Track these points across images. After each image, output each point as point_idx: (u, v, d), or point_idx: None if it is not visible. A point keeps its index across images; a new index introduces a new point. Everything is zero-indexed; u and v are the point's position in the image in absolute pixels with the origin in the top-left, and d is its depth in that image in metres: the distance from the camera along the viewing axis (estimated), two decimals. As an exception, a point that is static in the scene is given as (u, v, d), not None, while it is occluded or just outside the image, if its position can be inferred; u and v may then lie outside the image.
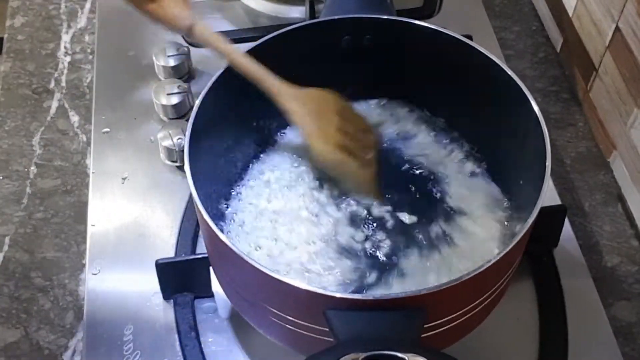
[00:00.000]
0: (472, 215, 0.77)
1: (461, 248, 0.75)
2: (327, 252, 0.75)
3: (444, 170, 0.81)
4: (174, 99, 0.92)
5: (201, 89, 0.72)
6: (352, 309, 0.60)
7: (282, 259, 0.74)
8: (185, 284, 0.79)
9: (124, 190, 0.89)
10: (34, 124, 0.97)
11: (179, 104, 0.93)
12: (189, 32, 0.75)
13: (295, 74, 0.78)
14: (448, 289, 0.60)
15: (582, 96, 0.98)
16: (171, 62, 0.96)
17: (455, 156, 0.82)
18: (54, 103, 1.00)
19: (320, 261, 0.74)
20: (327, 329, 0.60)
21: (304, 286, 0.61)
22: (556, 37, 1.04)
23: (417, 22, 0.78)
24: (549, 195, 0.70)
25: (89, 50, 1.05)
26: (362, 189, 0.78)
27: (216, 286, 0.77)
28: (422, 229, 0.76)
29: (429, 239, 0.75)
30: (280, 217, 0.77)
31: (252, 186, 0.80)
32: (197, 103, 0.71)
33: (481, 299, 0.66)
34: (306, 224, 0.77)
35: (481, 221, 0.77)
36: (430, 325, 0.62)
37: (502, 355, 0.77)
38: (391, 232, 0.76)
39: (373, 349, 0.56)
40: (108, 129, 0.94)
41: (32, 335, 0.80)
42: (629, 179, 0.88)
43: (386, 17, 0.78)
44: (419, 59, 0.79)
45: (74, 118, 0.98)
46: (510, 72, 0.73)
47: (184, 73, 0.97)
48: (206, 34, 0.75)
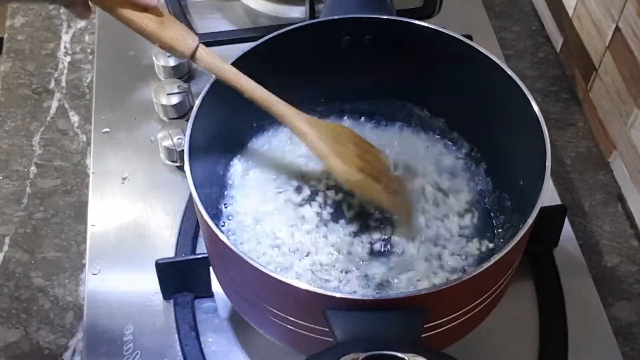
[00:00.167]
0: (470, 216, 0.78)
1: (458, 250, 0.75)
2: (327, 252, 0.75)
3: (443, 171, 0.81)
4: (174, 99, 0.92)
5: (201, 89, 0.72)
6: (352, 309, 0.60)
7: (282, 258, 0.75)
8: (185, 284, 0.79)
9: (124, 190, 0.89)
10: (34, 124, 0.97)
11: (179, 104, 0.93)
12: (192, 56, 0.70)
13: (295, 74, 0.78)
14: (448, 289, 0.60)
15: (582, 96, 0.98)
16: (171, 62, 0.96)
17: (455, 156, 0.82)
18: (54, 103, 1.00)
19: (320, 261, 0.74)
20: (327, 329, 0.60)
21: (303, 286, 0.61)
22: (556, 37, 1.04)
23: (417, 22, 0.78)
24: (549, 195, 0.70)
25: (89, 50, 1.05)
26: (391, 209, 0.76)
27: (216, 286, 0.77)
28: (419, 231, 0.76)
29: (427, 239, 0.76)
30: (280, 217, 0.77)
31: (252, 186, 0.80)
32: (197, 103, 0.71)
33: (481, 299, 0.66)
34: (306, 223, 0.77)
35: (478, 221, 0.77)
36: (430, 325, 0.62)
37: (502, 355, 0.77)
38: (390, 233, 0.76)
39: (373, 349, 0.56)
40: (108, 129, 0.94)
41: (32, 335, 0.80)
42: (629, 179, 0.88)
43: (386, 17, 0.78)
44: (419, 59, 0.79)
45: (74, 118, 0.98)
46: (510, 72, 0.73)
47: (184, 73, 0.97)
48: (210, 58, 0.71)
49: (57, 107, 0.99)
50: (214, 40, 1.00)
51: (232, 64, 0.73)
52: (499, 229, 0.77)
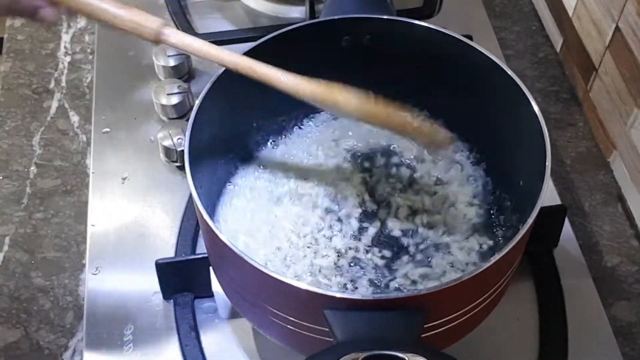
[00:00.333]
0: (469, 217, 0.78)
1: (457, 256, 0.75)
2: (326, 252, 0.75)
3: (443, 171, 0.81)
4: (174, 99, 0.92)
5: (201, 89, 0.72)
6: (352, 309, 0.60)
7: (282, 258, 0.75)
8: (185, 284, 0.79)
9: (124, 190, 0.89)
10: (34, 124, 0.97)
11: (179, 104, 0.93)
12: (158, 35, 0.69)
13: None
14: (448, 289, 0.60)
15: (582, 96, 0.98)
16: (171, 62, 0.96)
17: (455, 156, 0.82)
18: (54, 103, 1.00)
19: (320, 261, 0.74)
20: (327, 329, 0.60)
21: (303, 286, 0.61)
22: (556, 37, 1.04)
23: (417, 22, 0.78)
24: (549, 195, 0.70)
25: (89, 50, 1.05)
26: (417, 135, 0.72)
27: (216, 286, 0.77)
28: (420, 232, 0.76)
29: (426, 239, 0.76)
30: (280, 217, 0.77)
31: (252, 186, 0.80)
32: (197, 103, 0.71)
33: (481, 299, 0.66)
34: (306, 223, 0.77)
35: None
36: (430, 325, 0.62)
37: (502, 355, 0.77)
38: (389, 233, 0.76)
39: (373, 349, 0.56)
40: (108, 129, 0.94)
41: (32, 335, 0.80)
42: (629, 179, 0.88)
43: (386, 17, 0.78)
44: (419, 59, 0.79)
45: (74, 118, 0.98)
46: (510, 72, 0.73)
47: (184, 73, 0.97)
48: (179, 36, 0.70)
49: (57, 107, 0.99)
50: (214, 40, 0.99)
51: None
52: (499, 229, 0.77)
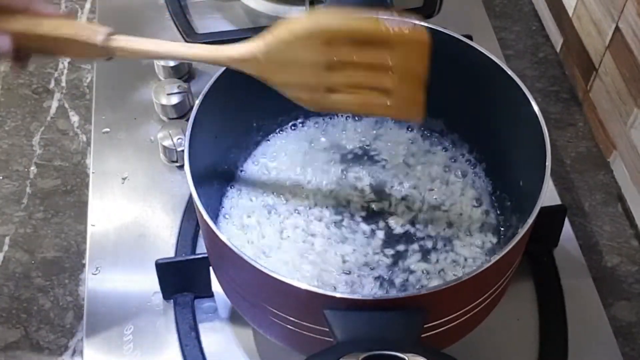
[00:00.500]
0: (469, 217, 0.78)
1: (459, 253, 0.75)
2: (326, 252, 0.75)
3: (443, 171, 0.81)
4: (174, 99, 0.92)
5: (201, 89, 0.72)
6: (352, 309, 0.60)
7: (281, 258, 0.75)
8: (185, 284, 0.79)
9: (124, 190, 0.89)
10: (34, 124, 0.97)
11: (179, 104, 0.93)
12: (106, 46, 0.65)
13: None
14: (448, 289, 0.60)
15: (582, 96, 0.98)
16: (171, 62, 0.96)
17: (455, 156, 0.82)
18: (54, 103, 1.00)
19: (320, 261, 0.74)
20: (327, 329, 0.60)
21: (303, 286, 0.61)
22: (556, 37, 1.04)
23: (417, 22, 0.78)
24: (549, 195, 0.70)
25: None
26: (393, 115, 0.68)
27: (216, 286, 0.77)
28: (420, 233, 0.76)
29: (426, 241, 0.76)
30: (280, 218, 0.78)
31: (253, 186, 0.81)
32: (197, 103, 0.71)
33: (481, 299, 0.66)
34: (306, 224, 0.77)
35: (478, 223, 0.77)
36: (430, 325, 0.62)
37: (502, 355, 0.77)
38: (389, 234, 0.76)
39: (373, 349, 0.56)
40: (108, 129, 0.94)
41: (32, 335, 0.80)
42: (628, 179, 0.88)
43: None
44: (418, 59, 0.79)
45: (74, 118, 0.98)
46: (510, 72, 0.73)
47: (184, 73, 0.97)
48: (130, 41, 0.66)
49: (57, 107, 0.99)
50: (214, 40, 1.00)
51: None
52: (499, 228, 0.77)
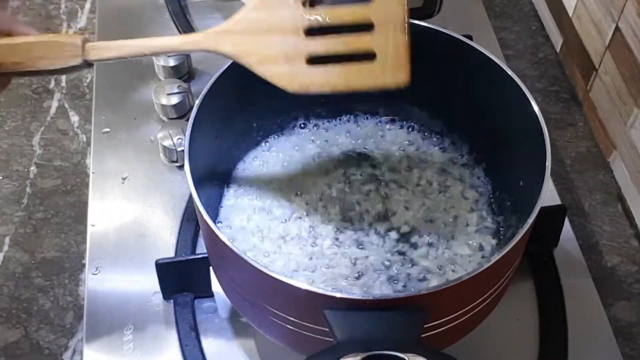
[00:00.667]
0: (469, 217, 0.78)
1: (459, 253, 0.75)
2: (326, 252, 0.75)
3: (443, 172, 0.81)
4: (174, 99, 0.92)
5: (201, 89, 0.72)
6: (352, 309, 0.60)
7: (282, 258, 0.75)
8: (185, 284, 0.79)
9: (124, 190, 0.89)
10: (34, 124, 0.98)
11: (179, 104, 0.93)
12: (83, 49, 0.64)
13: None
14: (448, 289, 0.60)
15: (582, 96, 0.98)
16: (171, 62, 0.96)
17: (455, 157, 0.83)
18: (54, 103, 1.00)
19: (320, 261, 0.74)
20: (327, 329, 0.60)
21: (303, 286, 0.61)
22: (556, 37, 1.04)
23: (417, 21, 0.78)
24: (549, 195, 0.70)
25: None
26: (378, 85, 0.65)
27: (216, 286, 0.77)
28: (420, 233, 0.76)
29: (426, 241, 0.76)
30: (280, 218, 0.78)
31: (253, 186, 0.81)
32: (197, 103, 0.71)
33: (481, 299, 0.66)
34: (306, 223, 0.77)
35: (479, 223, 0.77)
36: (430, 325, 0.62)
37: (502, 355, 0.77)
38: (389, 235, 0.76)
39: (373, 349, 0.56)
40: (108, 129, 0.94)
41: (32, 335, 0.80)
42: (628, 179, 0.88)
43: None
44: (418, 59, 0.79)
45: (74, 118, 0.98)
46: (510, 72, 0.73)
47: (184, 73, 0.97)
48: (103, 46, 0.65)
49: (57, 107, 0.99)
50: (214, 40, 1.00)
51: (232, 64, 0.73)
52: (498, 229, 0.77)
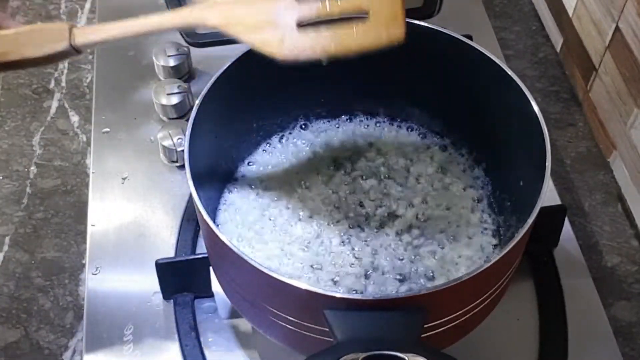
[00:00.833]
0: (469, 217, 0.78)
1: (459, 253, 0.75)
2: (326, 252, 0.75)
3: (443, 172, 0.81)
4: (174, 99, 0.92)
5: (201, 89, 0.72)
6: (352, 309, 0.60)
7: (283, 258, 0.75)
8: (185, 284, 0.79)
9: (124, 190, 0.89)
10: (34, 124, 0.98)
11: (179, 104, 0.93)
12: (70, 34, 0.64)
13: (295, 74, 0.78)
14: (448, 289, 0.60)
15: (582, 96, 0.98)
16: (171, 62, 0.96)
17: (455, 157, 0.83)
18: (54, 103, 1.00)
19: (323, 261, 0.74)
20: (327, 329, 0.60)
21: (303, 286, 0.61)
22: (556, 37, 1.04)
23: (417, 21, 0.78)
24: (549, 195, 0.70)
25: (88, 49, 1.05)
26: (373, 44, 0.65)
27: (216, 286, 0.77)
28: (420, 233, 0.77)
29: (426, 242, 0.76)
30: (281, 217, 0.78)
31: (252, 186, 0.81)
32: (197, 103, 0.71)
33: (481, 299, 0.66)
34: (306, 223, 0.77)
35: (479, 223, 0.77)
36: (430, 325, 0.62)
37: (502, 355, 0.77)
38: (390, 236, 0.76)
39: (373, 349, 0.56)
40: (108, 129, 0.94)
41: (32, 335, 0.80)
42: (628, 179, 0.88)
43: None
44: (418, 59, 0.79)
45: (74, 118, 0.98)
46: (510, 72, 0.73)
47: (184, 73, 0.97)
48: (90, 30, 0.65)
49: (57, 107, 0.99)
50: (214, 40, 1.00)
51: (232, 64, 0.73)
52: (498, 229, 0.77)
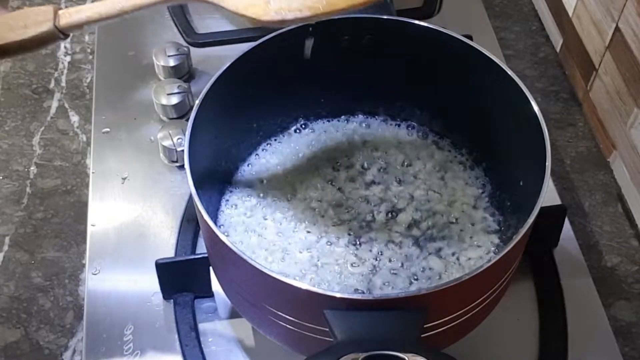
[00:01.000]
0: (469, 217, 0.78)
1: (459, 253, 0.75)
2: (328, 251, 0.75)
3: (443, 172, 0.81)
4: (174, 99, 0.92)
5: (201, 89, 0.72)
6: (352, 309, 0.60)
7: (284, 258, 0.75)
8: (185, 284, 0.79)
9: (124, 190, 0.89)
10: (34, 124, 0.98)
11: (179, 104, 0.93)
12: (55, 16, 0.62)
13: (295, 74, 0.78)
14: (448, 289, 0.60)
15: (582, 96, 0.98)
16: (171, 62, 0.96)
17: (455, 156, 0.83)
18: (54, 103, 1.00)
19: (322, 261, 0.74)
20: (327, 329, 0.60)
21: (303, 286, 0.61)
22: (556, 37, 1.04)
23: (417, 22, 0.78)
24: (549, 195, 0.70)
25: (89, 50, 1.05)
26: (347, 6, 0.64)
27: (216, 286, 0.77)
28: (420, 233, 0.77)
29: (426, 242, 0.76)
30: (281, 218, 0.78)
31: (252, 186, 0.81)
32: (197, 103, 0.71)
33: (481, 299, 0.66)
34: (307, 223, 0.77)
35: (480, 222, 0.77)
36: (430, 325, 0.62)
37: (502, 355, 0.77)
38: (390, 236, 0.76)
39: (373, 348, 0.57)
40: (108, 129, 0.94)
41: (32, 335, 0.80)
42: (628, 179, 0.88)
43: (386, 17, 0.78)
44: (418, 59, 0.79)
45: (74, 118, 0.98)
46: (510, 72, 0.73)
47: (184, 73, 0.97)
48: (74, 10, 0.63)
49: (57, 107, 0.99)
50: (214, 40, 1.00)
51: (232, 64, 0.73)
52: (499, 229, 0.77)
